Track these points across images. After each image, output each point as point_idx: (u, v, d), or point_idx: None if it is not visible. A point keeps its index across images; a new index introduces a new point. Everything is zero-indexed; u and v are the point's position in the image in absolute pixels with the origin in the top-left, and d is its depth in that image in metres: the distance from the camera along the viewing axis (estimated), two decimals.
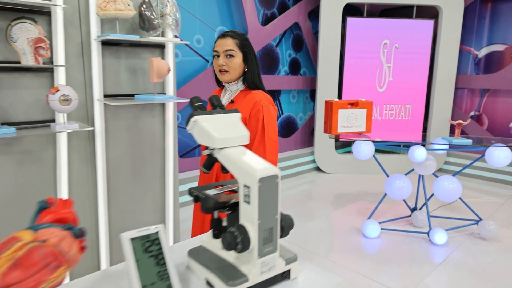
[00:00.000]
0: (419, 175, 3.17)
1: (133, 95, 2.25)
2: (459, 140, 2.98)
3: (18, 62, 1.77)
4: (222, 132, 0.78)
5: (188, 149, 4.11)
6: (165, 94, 2.40)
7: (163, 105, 2.41)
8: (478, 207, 3.82)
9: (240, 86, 1.69)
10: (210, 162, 0.82)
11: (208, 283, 0.78)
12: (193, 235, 1.88)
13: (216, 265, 0.77)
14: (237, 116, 0.85)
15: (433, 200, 3.92)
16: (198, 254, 0.83)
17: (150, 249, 0.71)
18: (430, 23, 4.86)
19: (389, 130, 4.90)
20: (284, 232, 0.77)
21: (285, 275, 0.81)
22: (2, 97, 1.78)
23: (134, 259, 0.69)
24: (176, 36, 2.34)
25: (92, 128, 2.03)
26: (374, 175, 4.91)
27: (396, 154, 5.23)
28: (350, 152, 5.29)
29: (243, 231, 0.71)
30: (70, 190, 2.05)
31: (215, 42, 1.64)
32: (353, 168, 5.05)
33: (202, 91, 4.00)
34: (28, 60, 1.74)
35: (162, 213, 2.50)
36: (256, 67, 1.68)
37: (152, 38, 2.12)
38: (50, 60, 1.89)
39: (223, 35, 1.64)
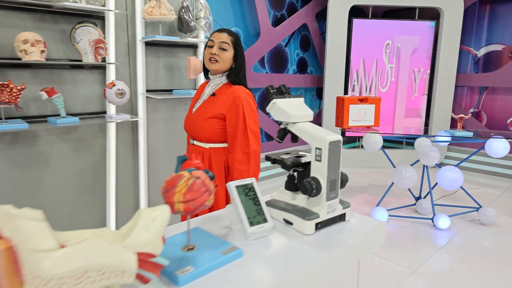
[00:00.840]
0: (424, 166, 3.47)
1: (170, 90, 2.53)
2: (461, 132, 3.29)
3: (79, 61, 2.05)
4: (295, 110, 1.07)
5: None
6: (196, 89, 2.68)
7: None
8: (478, 197, 4.14)
9: (223, 80, 1.74)
10: (284, 133, 1.11)
11: (286, 221, 1.06)
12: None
13: (291, 209, 1.05)
14: (301, 100, 1.14)
15: (436, 191, 4.22)
16: (273, 203, 1.12)
17: (248, 194, 1.00)
18: (431, 24, 5.17)
19: (392, 126, 5.21)
20: (343, 183, 1.06)
21: (342, 217, 1.09)
22: (64, 91, 2.05)
23: (239, 200, 0.97)
24: (208, 37, 2.62)
25: (139, 119, 2.31)
26: (379, 169, 5.22)
27: (400, 149, 5.53)
28: (355, 147, 5.60)
29: (316, 181, 0.99)
30: (117, 173, 2.32)
31: (211, 34, 1.73)
32: (358, 162, 5.35)
33: None
34: (89, 58, 2.02)
35: None
36: (243, 66, 1.76)
37: (190, 39, 2.40)
38: (103, 59, 2.17)
39: (220, 30, 1.73)
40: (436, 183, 3.43)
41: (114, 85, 2.05)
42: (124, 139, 2.36)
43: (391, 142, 6.02)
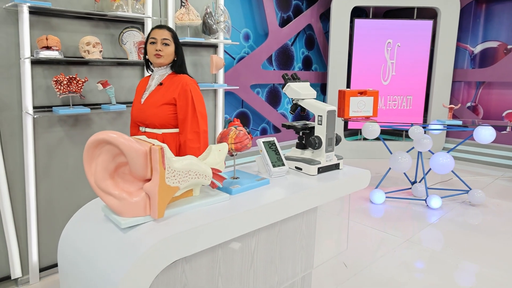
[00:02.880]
0: (418, 152, 3.93)
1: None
2: (451, 121, 3.76)
3: (125, 59, 2.54)
4: (303, 90, 1.55)
5: None
6: (217, 83, 3.17)
7: (214, 92, 3.18)
8: (471, 184, 4.59)
9: (168, 71, 1.98)
10: (296, 107, 1.59)
11: (297, 167, 1.54)
12: None
13: (300, 159, 1.54)
14: (307, 84, 1.62)
15: (433, 178, 4.68)
16: (288, 157, 1.61)
17: (271, 147, 1.48)
18: (429, 23, 5.63)
19: (392, 118, 5.67)
20: (337, 141, 1.54)
21: (337, 166, 1.58)
22: (112, 84, 2.55)
23: (266, 150, 1.46)
24: (226, 38, 3.12)
25: None
26: (378, 160, 5.68)
27: (399, 141, 5.99)
28: (357, 139, 6.06)
29: (318, 138, 1.47)
30: None
31: (151, 31, 1.95)
32: (360, 154, 5.82)
33: (232, 84, 4.77)
34: (133, 57, 2.52)
35: None
36: (183, 57, 2.02)
37: (213, 40, 2.90)
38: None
39: (160, 27, 1.93)
40: (430, 169, 3.88)
41: None
42: None
43: (391, 135, 6.48)
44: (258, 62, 5.06)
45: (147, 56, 1.99)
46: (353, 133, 6.42)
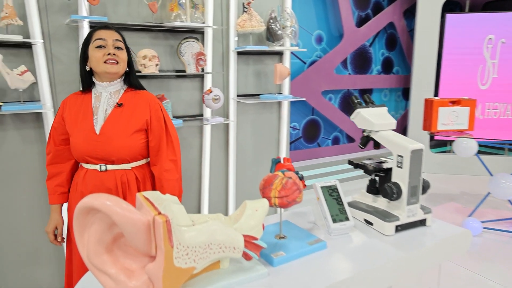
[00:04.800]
0: None
1: (257, 95, 2.76)
2: None
3: (183, 71, 2.37)
4: (377, 119, 1.17)
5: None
6: (281, 94, 2.86)
7: (279, 103, 2.88)
8: None
9: (122, 85, 1.52)
10: (367, 140, 1.22)
11: (367, 221, 1.17)
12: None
13: (372, 210, 1.16)
14: (385, 109, 1.23)
15: None
16: (355, 204, 1.23)
17: (332, 194, 1.13)
18: None
19: (492, 129, 4.78)
20: (424, 190, 1.13)
21: (422, 222, 1.16)
22: (170, 97, 2.40)
23: (324, 199, 1.11)
24: (293, 44, 2.79)
25: (230, 121, 2.58)
26: (473, 176, 4.84)
27: (500, 155, 5.05)
28: (446, 151, 5.26)
29: (397, 186, 1.08)
30: (210, 169, 2.62)
31: (93, 33, 1.46)
32: (448, 169, 5.03)
33: (301, 91, 4.42)
34: (191, 69, 2.33)
35: None
36: (134, 67, 1.59)
37: (277, 48, 2.59)
38: (203, 69, 2.47)
39: (106, 27, 1.48)
40: None
41: (211, 92, 2.33)
42: (217, 139, 2.65)
43: (490, 148, 5.50)
44: (331, 66, 4.63)
45: (87, 67, 1.46)
46: (440, 144, 5.61)
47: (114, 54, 1.42)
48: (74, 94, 1.54)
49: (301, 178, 1.03)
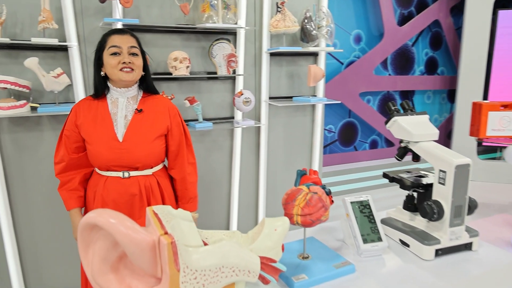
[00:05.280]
0: None
1: (290, 97, 2.66)
2: None
3: (214, 73, 2.32)
4: (417, 129, 1.04)
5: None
6: (316, 96, 2.74)
7: (312, 106, 2.76)
8: None
9: (138, 91, 1.49)
10: (404, 152, 1.09)
11: (402, 242, 1.04)
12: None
13: (409, 230, 1.03)
14: (426, 117, 1.09)
15: None
16: (390, 222, 1.11)
17: (364, 211, 1.02)
18: None
19: None
20: (471, 210, 0.99)
21: (468, 246, 1.02)
22: (202, 99, 2.36)
23: (354, 215, 1.00)
24: (328, 45, 2.66)
25: (261, 124, 2.50)
26: None
27: None
28: (495, 158, 4.86)
29: (438, 205, 0.95)
30: (241, 172, 2.56)
31: (107, 38, 1.41)
32: (500, 176, 4.63)
33: (337, 92, 4.26)
34: (222, 71, 2.28)
35: None
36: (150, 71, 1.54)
37: (311, 48, 2.48)
38: (234, 71, 2.41)
39: (121, 31, 1.41)
40: None
41: (242, 94, 2.27)
42: (248, 142, 2.58)
43: None
44: (371, 66, 4.42)
45: (102, 72, 1.41)
46: (489, 150, 5.20)
47: (129, 62, 1.37)
48: (85, 100, 1.47)
49: (328, 194, 0.93)
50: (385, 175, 1.15)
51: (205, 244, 0.78)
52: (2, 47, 1.81)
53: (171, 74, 2.14)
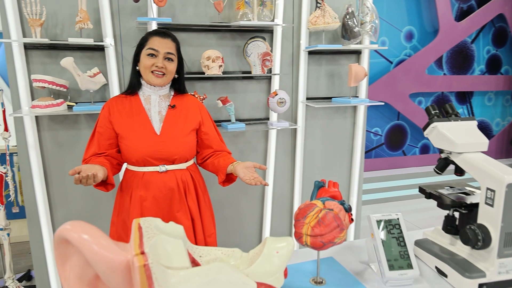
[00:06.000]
0: None
1: (329, 98, 2.49)
2: None
3: (249, 72, 2.24)
4: (461, 138, 0.87)
5: (365, 149, 4.18)
6: (358, 97, 2.55)
7: (354, 107, 2.57)
8: None
9: (170, 90, 1.54)
10: (445, 164, 0.92)
11: (439, 270, 0.88)
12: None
13: (448, 257, 0.86)
14: (473, 124, 0.91)
15: None
16: (426, 245, 0.94)
17: (392, 231, 0.87)
18: None
19: None
20: None
21: None
22: (235, 99, 2.29)
23: (379, 237, 0.85)
24: (373, 42, 2.45)
25: (297, 126, 2.37)
26: None
27: None
28: None
29: (484, 230, 0.78)
30: (275, 175, 2.45)
31: (149, 38, 1.44)
32: None
33: (385, 93, 3.98)
34: (257, 70, 2.18)
35: None
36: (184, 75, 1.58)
37: (353, 46, 2.30)
38: (270, 69, 2.30)
39: (164, 34, 1.45)
40: None
41: (276, 94, 2.15)
42: (283, 145, 2.46)
43: None
44: (423, 65, 4.08)
45: (138, 67, 1.45)
46: None
47: (162, 67, 1.40)
48: (117, 97, 1.49)
49: (348, 210, 0.79)
50: (421, 190, 0.98)
51: (197, 264, 0.69)
52: (43, 47, 1.87)
53: (203, 73, 2.09)
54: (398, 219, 0.88)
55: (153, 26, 2.01)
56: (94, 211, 2.12)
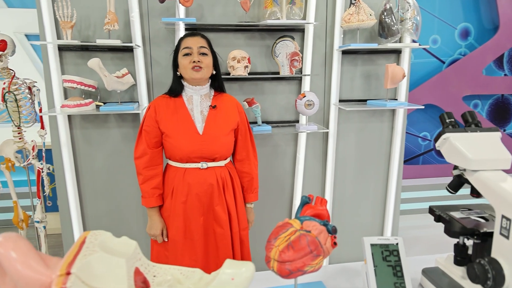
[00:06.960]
0: None
1: (365, 100, 2.33)
2: None
3: (277, 73, 2.16)
4: (477, 152, 0.72)
5: (411, 155, 3.87)
6: (396, 99, 2.35)
7: (392, 111, 2.38)
8: None
9: (210, 89, 1.60)
10: (459, 183, 0.77)
11: None
12: (152, 258, 1.62)
13: None
14: (497, 136, 0.75)
15: None
16: (434, 275, 0.80)
17: (388, 259, 0.75)
18: None
19: None
20: None
21: None
22: (263, 101, 2.21)
23: (373, 264, 0.74)
24: (414, 41, 2.24)
25: (327, 130, 2.24)
26: None
27: None
28: None
29: (496, 266, 0.63)
30: (304, 181, 2.34)
31: (181, 41, 1.55)
32: None
33: (436, 95, 3.66)
34: (285, 71, 2.09)
35: (381, 218, 2.49)
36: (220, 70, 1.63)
37: (390, 45, 2.11)
38: (300, 70, 2.20)
39: (192, 34, 1.56)
40: None
41: (305, 96, 2.05)
42: (314, 149, 2.34)
43: None
44: (480, 65, 3.67)
45: (178, 72, 1.55)
46: None
47: (198, 61, 1.48)
48: (161, 98, 1.58)
49: (331, 233, 0.69)
50: (431, 211, 0.83)
51: (147, 284, 0.64)
52: (76, 49, 1.95)
53: (228, 74, 2.05)
54: (397, 244, 0.75)
55: (180, 27, 2.01)
56: (122, 207, 2.18)
